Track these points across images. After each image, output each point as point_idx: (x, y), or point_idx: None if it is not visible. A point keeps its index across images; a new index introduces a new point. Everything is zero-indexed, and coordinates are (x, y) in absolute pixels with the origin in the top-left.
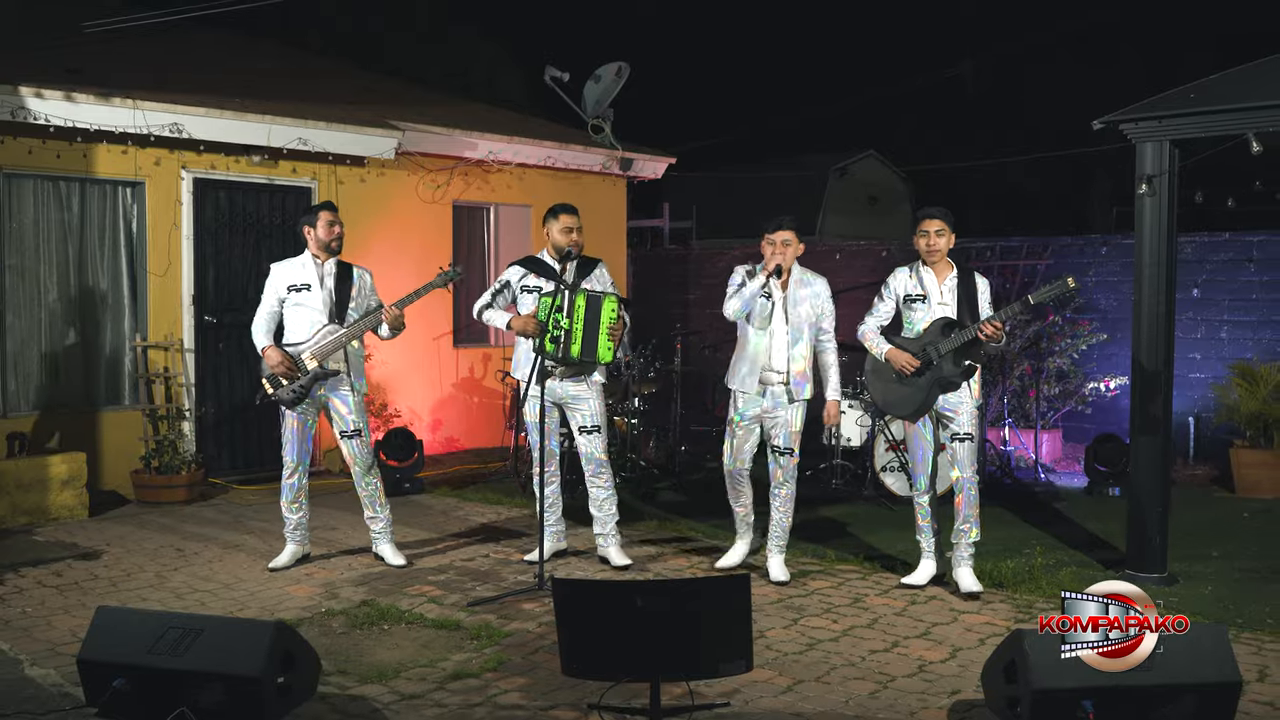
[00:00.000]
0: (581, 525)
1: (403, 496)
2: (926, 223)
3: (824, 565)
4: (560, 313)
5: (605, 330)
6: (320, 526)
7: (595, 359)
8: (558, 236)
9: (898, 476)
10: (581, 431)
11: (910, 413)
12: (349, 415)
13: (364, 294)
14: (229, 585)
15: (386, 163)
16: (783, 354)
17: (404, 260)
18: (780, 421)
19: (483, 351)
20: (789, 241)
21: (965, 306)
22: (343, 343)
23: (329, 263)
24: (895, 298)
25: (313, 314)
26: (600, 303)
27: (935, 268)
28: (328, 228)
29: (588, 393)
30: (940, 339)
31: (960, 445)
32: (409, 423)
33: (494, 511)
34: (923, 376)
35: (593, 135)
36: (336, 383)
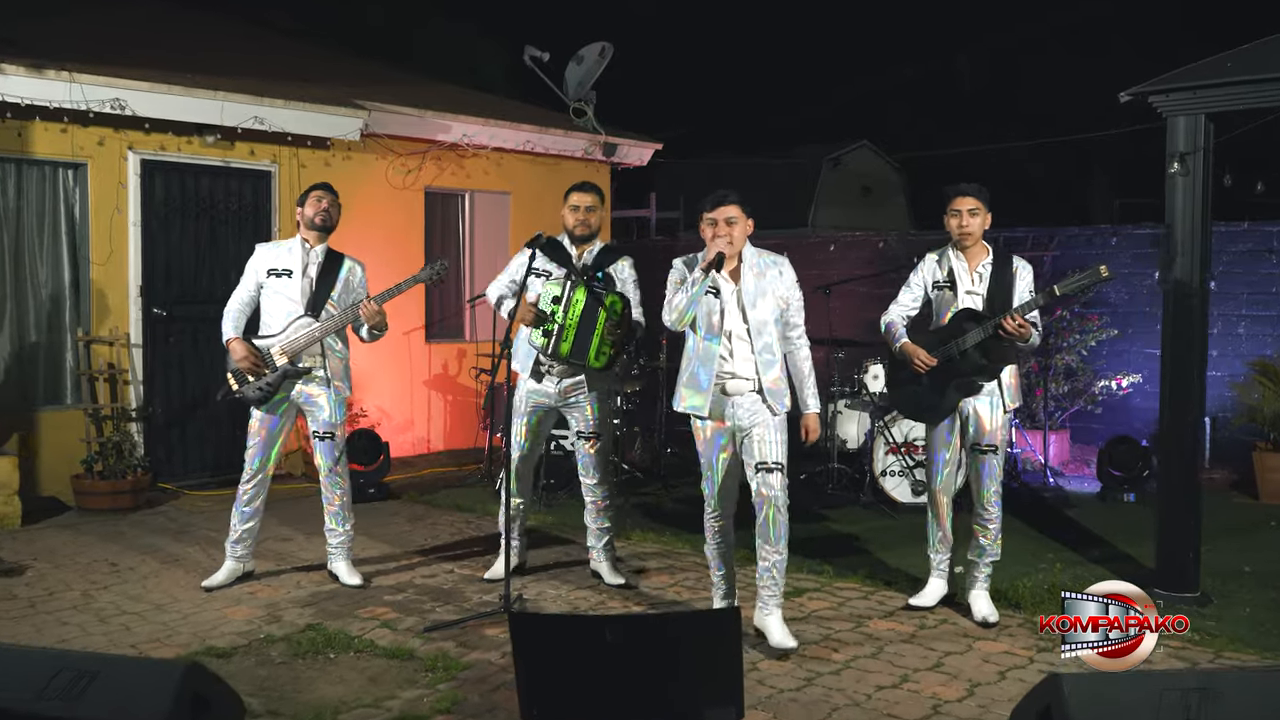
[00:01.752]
0: (566, 534)
1: (367, 503)
2: (958, 200)
3: (821, 582)
4: (557, 304)
5: (601, 332)
6: (272, 537)
7: (585, 362)
8: (566, 217)
9: (899, 482)
10: (579, 437)
11: (925, 416)
12: (325, 415)
13: (351, 289)
14: (161, 606)
15: (353, 145)
16: (749, 363)
17: (372, 250)
18: (761, 435)
19: (457, 347)
20: (734, 219)
21: (997, 297)
22: (316, 338)
23: (318, 249)
24: (924, 285)
25: (288, 304)
26: (601, 302)
27: (968, 252)
28: (315, 203)
29: (587, 394)
30: (961, 332)
31: (983, 457)
32: (376, 423)
33: (464, 520)
34: (939, 375)
35: (574, 119)
36: (317, 382)
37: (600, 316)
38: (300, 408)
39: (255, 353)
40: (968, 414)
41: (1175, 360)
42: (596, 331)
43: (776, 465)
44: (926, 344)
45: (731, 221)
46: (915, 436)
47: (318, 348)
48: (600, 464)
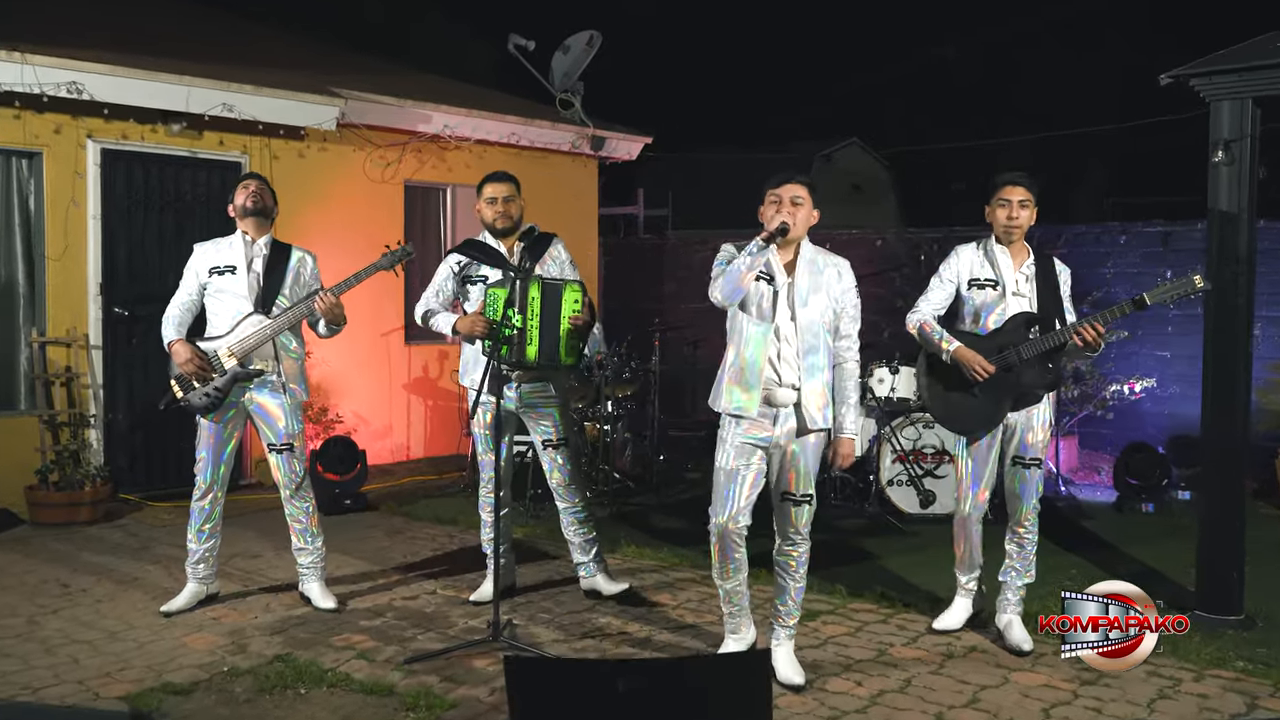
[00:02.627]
0: (555, 547)
1: (342, 515)
2: (1009, 190)
3: (835, 604)
4: (512, 308)
5: (567, 327)
6: (239, 554)
7: (557, 363)
8: (484, 211)
9: (906, 492)
10: (546, 446)
11: (977, 428)
12: (280, 426)
13: (302, 282)
14: (114, 634)
15: (328, 136)
16: (793, 366)
17: (348, 247)
18: (796, 459)
19: (438, 349)
20: (800, 200)
21: (1047, 299)
22: (268, 336)
23: (261, 241)
24: (957, 281)
25: (236, 302)
26: (560, 293)
27: (1012, 248)
28: (242, 189)
29: (551, 399)
30: (1022, 338)
31: (1028, 472)
32: (352, 430)
33: (446, 534)
34: (994, 385)
35: (561, 110)
36: (267, 386)
37: (563, 310)
38: (251, 417)
39: (200, 356)
40: (1014, 426)
41: (1218, 359)
42: (562, 327)
43: (805, 498)
44: (979, 349)
45: (798, 202)
46: (924, 444)
47: (270, 348)
48: (573, 471)
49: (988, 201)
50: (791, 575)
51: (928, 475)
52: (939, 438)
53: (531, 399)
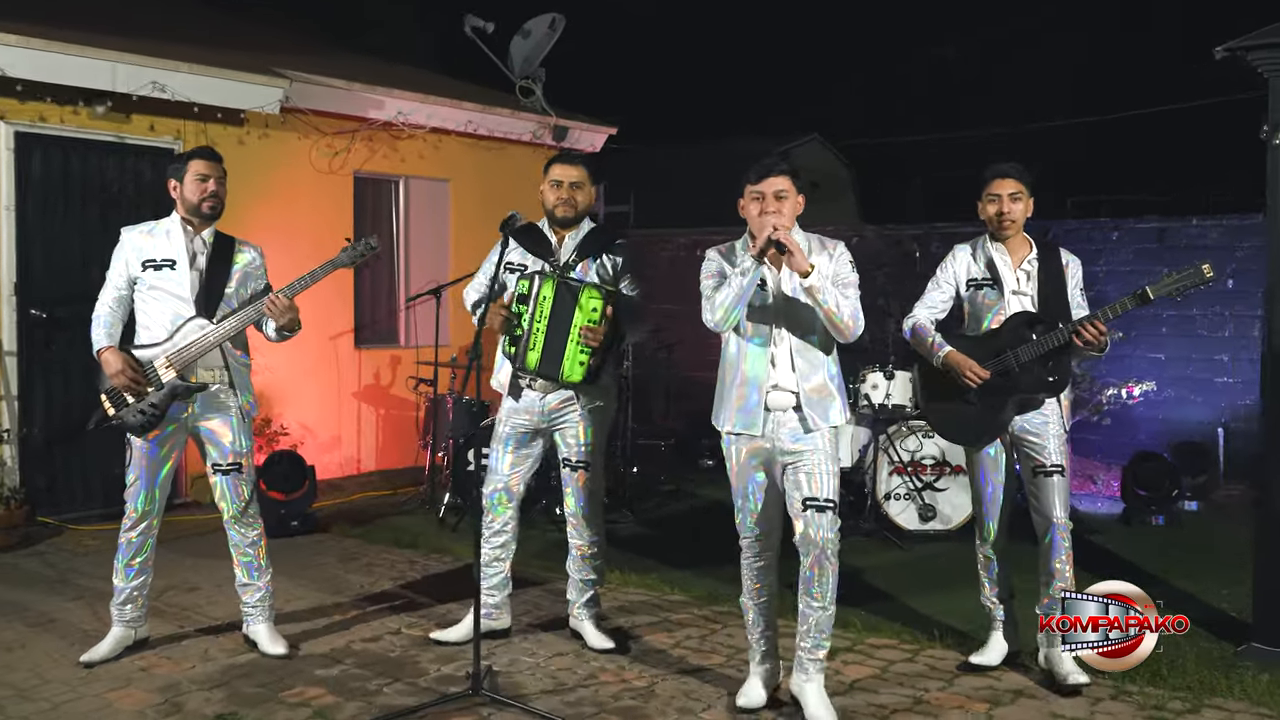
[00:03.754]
0: (537, 570)
1: (289, 538)
2: (997, 184)
3: (852, 639)
4: (524, 304)
5: (576, 336)
6: (174, 587)
7: (557, 376)
8: (546, 194)
9: (905, 506)
10: (565, 465)
11: (973, 438)
12: (226, 443)
13: (250, 280)
14: (24, 692)
15: (271, 121)
16: (787, 365)
17: (292, 243)
18: (804, 462)
19: (390, 353)
20: (784, 193)
21: (1050, 296)
22: (212, 344)
23: (204, 234)
24: (955, 282)
25: (175, 304)
26: (574, 297)
27: (1009, 244)
28: (198, 183)
29: (579, 413)
30: (1020, 340)
31: (1048, 481)
32: (298, 442)
33: (407, 560)
34: (993, 391)
35: (521, 98)
36: (214, 401)
37: (575, 317)
38: (193, 434)
39: (135, 366)
40: (1021, 433)
41: (1278, 359)
42: (570, 337)
43: (828, 503)
44: (974, 353)
45: (782, 196)
46: (923, 455)
47: (215, 358)
48: (591, 502)
49: (978, 197)
50: (813, 599)
51: (928, 488)
52: (939, 448)
53: (559, 412)
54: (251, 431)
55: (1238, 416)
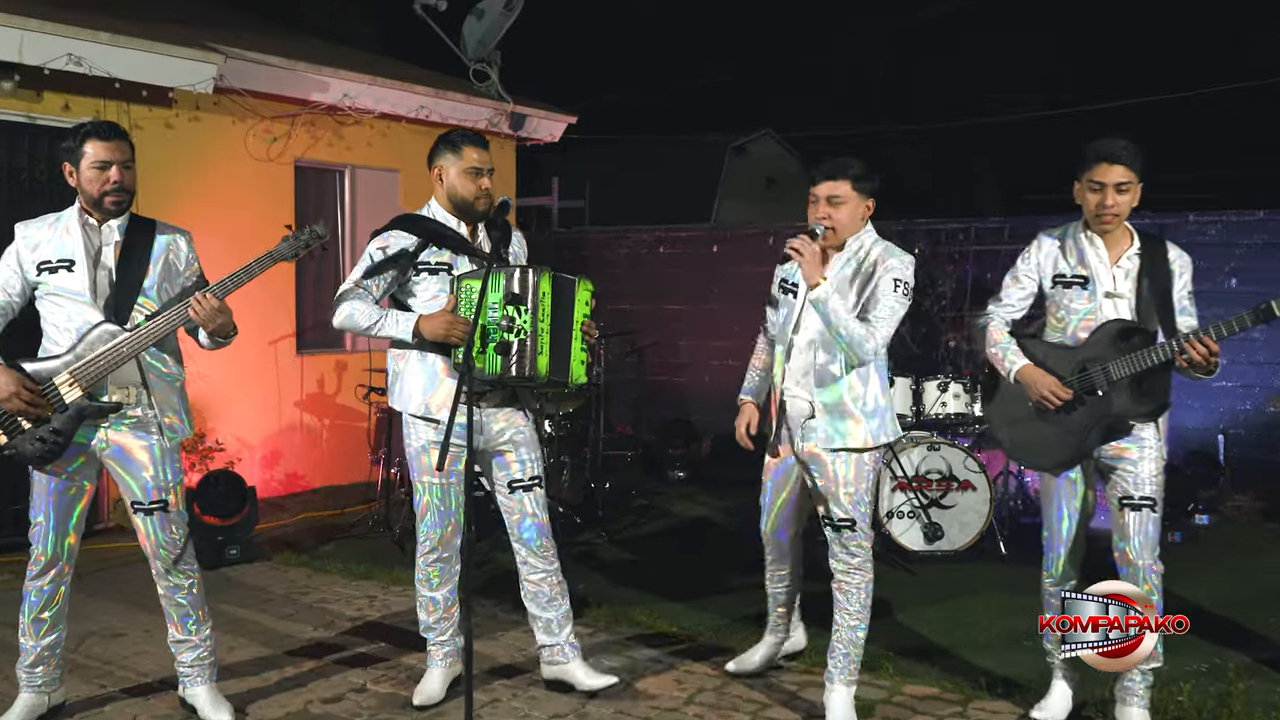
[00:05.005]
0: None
1: (229, 568)
2: (1102, 169)
3: (887, 687)
4: (517, 306)
5: (579, 333)
6: (95, 634)
7: (567, 379)
8: (458, 183)
9: (909, 525)
10: (514, 488)
11: (1054, 463)
12: (148, 476)
13: (175, 273)
14: None
15: (203, 102)
16: (800, 373)
17: (227, 239)
18: (824, 475)
19: (335, 359)
20: (839, 198)
21: (1151, 301)
22: (125, 355)
23: (114, 222)
24: (1038, 277)
25: (78, 309)
26: (573, 290)
27: (1108, 238)
28: (96, 173)
29: (524, 426)
30: (1112, 354)
31: (1136, 515)
32: (235, 459)
33: (364, 594)
34: (1077, 411)
35: (475, 83)
36: (128, 423)
37: (576, 312)
38: (107, 465)
39: (30, 386)
40: (1109, 458)
41: None
42: (575, 333)
43: (845, 522)
44: (1055, 364)
45: (835, 201)
46: (929, 469)
47: (131, 372)
48: (547, 522)
49: (1077, 177)
50: (842, 609)
51: (933, 505)
52: (945, 461)
53: (498, 427)
54: (179, 459)
55: (1237, 422)
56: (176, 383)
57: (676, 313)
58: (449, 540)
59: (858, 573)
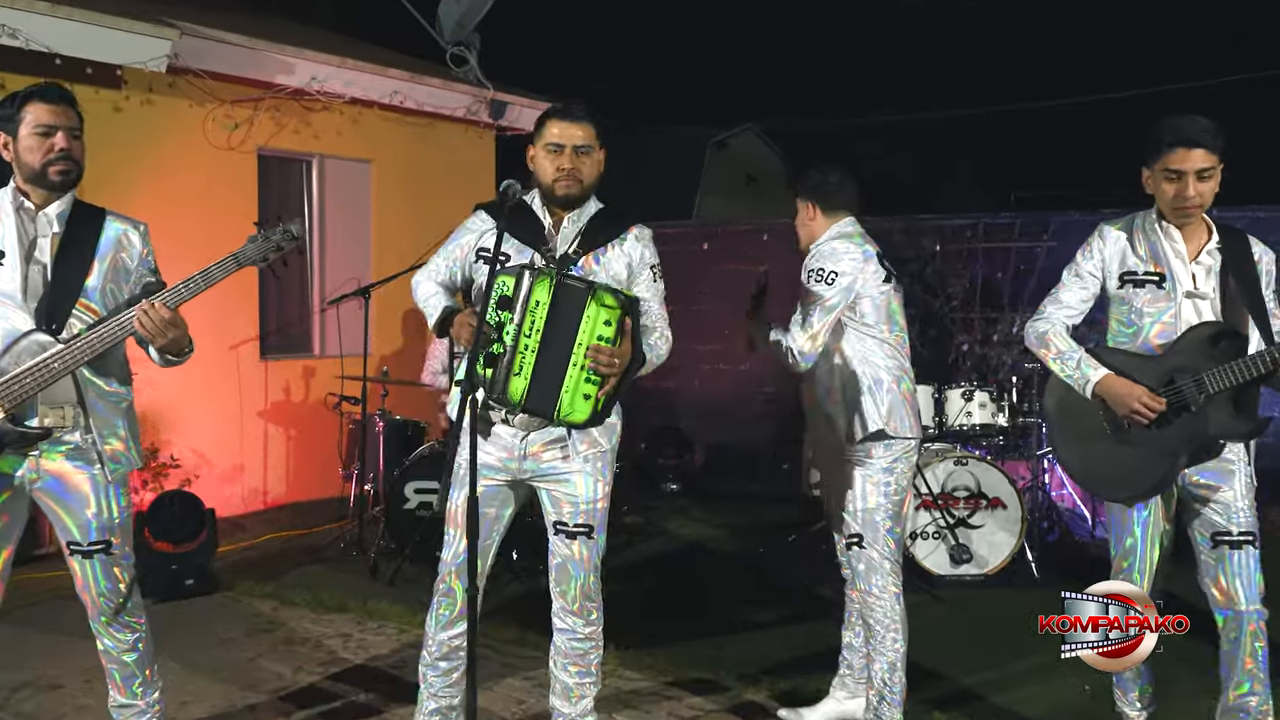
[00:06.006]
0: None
1: (185, 600)
2: (1179, 155)
3: None
4: (507, 311)
5: (581, 359)
6: (29, 684)
7: (551, 413)
8: (542, 163)
9: (934, 546)
10: (559, 531)
11: (1131, 492)
12: (89, 514)
13: (124, 271)
14: None
15: (156, 83)
16: None
17: (182, 236)
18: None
19: (303, 364)
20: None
21: (1239, 301)
22: (59, 371)
23: (53, 209)
24: (1102, 275)
25: (6, 313)
26: (580, 303)
27: (1186, 230)
28: (39, 139)
29: (576, 461)
30: (1205, 363)
31: (1236, 554)
32: (192, 475)
33: (336, 631)
34: (1164, 430)
35: (453, 67)
36: (64, 450)
37: (581, 331)
38: (38, 500)
39: None
40: (1196, 486)
41: None
42: (573, 359)
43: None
44: (1134, 377)
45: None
46: (955, 485)
47: (67, 388)
48: (594, 580)
49: (1147, 164)
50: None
51: (960, 524)
52: (973, 476)
53: (545, 457)
54: (126, 493)
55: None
56: (122, 403)
57: None
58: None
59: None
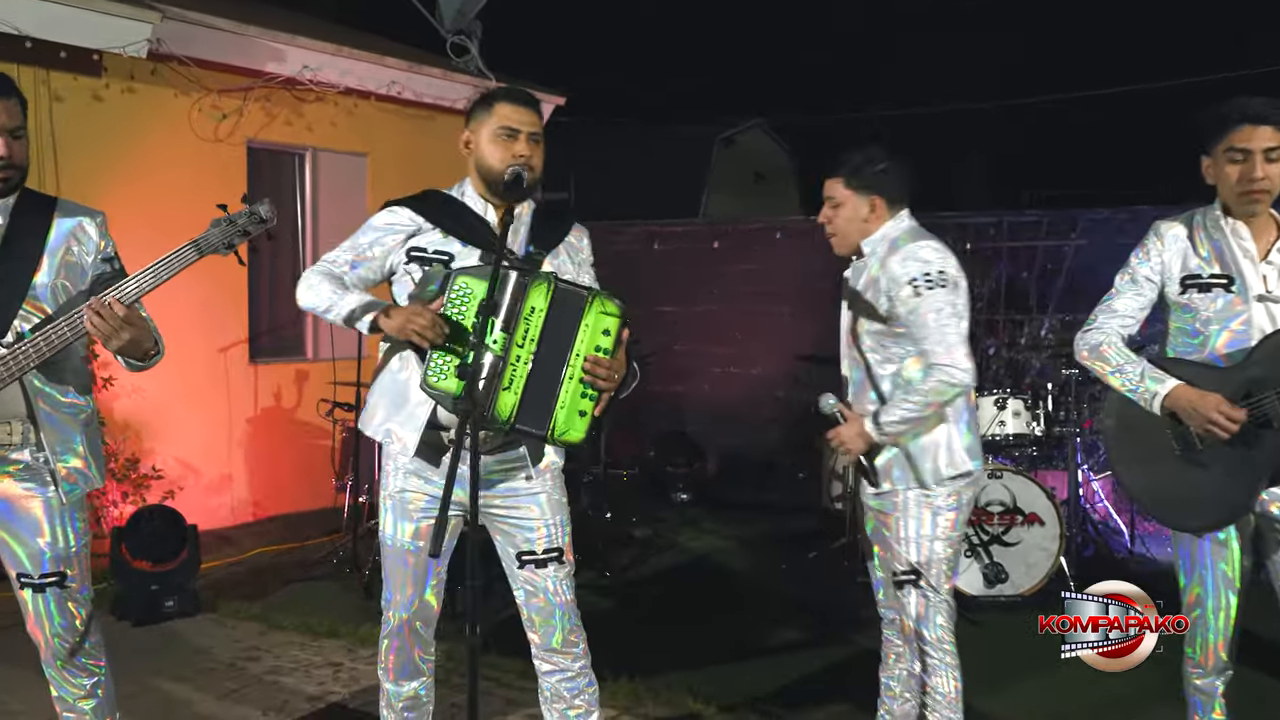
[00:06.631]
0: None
1: (164, 623)
2: (1246, 133)
3: None
4: (494, 316)
5: (578, 372)
6: None
7: (545, 431)
8: (486, 150)
9: (967, 566)
10: (525, 561)
11: (1202, 519)
12: (42, 543)
13: (80, 269)
14: None
15: (138, 70)
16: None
17: (166, 232)
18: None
19: (295, 368)
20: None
21: None
22: (2, 380)
23: None
24: (1161, 278)
25: None
26: (579, 309)
27: (1254, 223)
28: None
29: (536, 482)
30: None
31: None
32: (176, 487)
33: (325, 657)
34: (1241, 450)
35: (453, 57)
36: (10, 468)
37: (579, 340)
38: None
39: None
40: (1272, 512)
41: None
42: (569, 373)
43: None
44: (1207, 389)
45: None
46: (989, 500)
47: (14, 398)
48: (569, 604)
49: (1206, 150)
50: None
51: (994, 542)
52: (1008, 491)
53: (504, 480)
54: (83, 517)
55: None
56: (80, 415)
57: (671, 315)
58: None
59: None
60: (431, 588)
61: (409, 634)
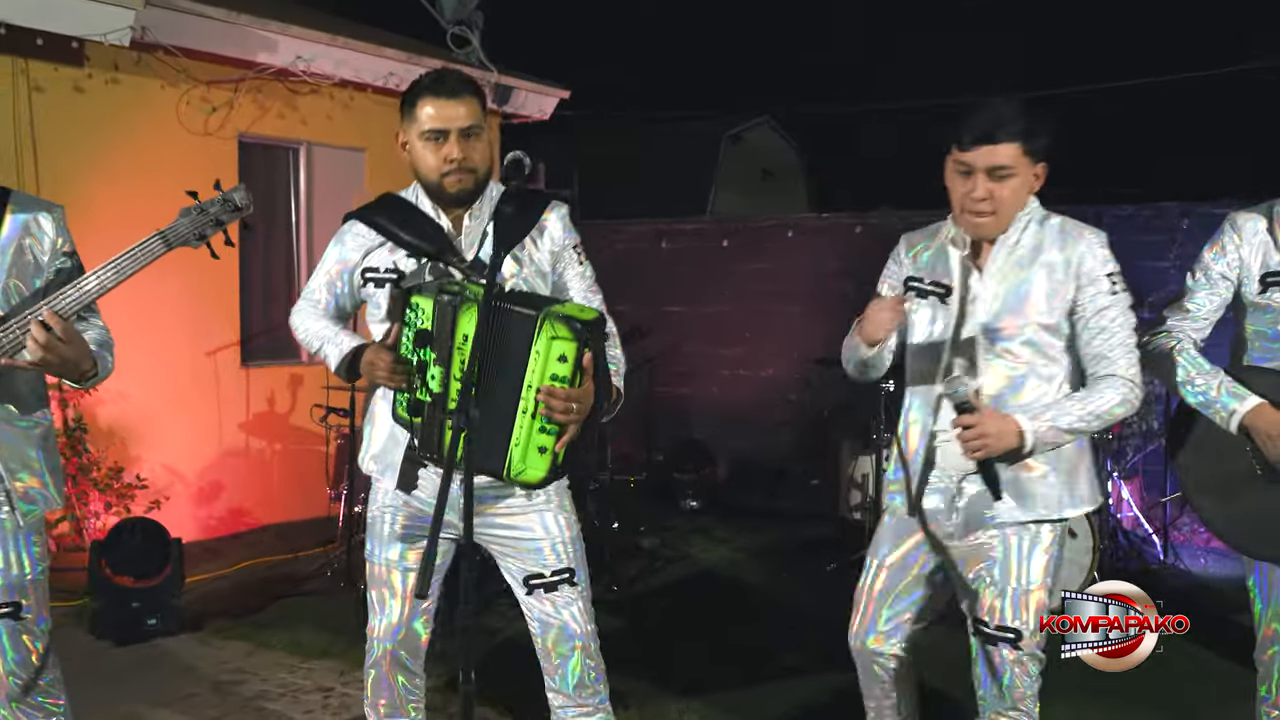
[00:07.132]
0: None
1: (144, 644)
2: None
3: None
4: (427, 346)
5: (532, 406)
6: None
7: (501, 470)
8: (421, 155)
9: None
10: (533, 586)
11: None
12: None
13: (34, 268)
14: None
15: (122, 60)
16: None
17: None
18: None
19: (289, 372)
20: (1005, 172)
21: None
22: None
23: None
24: (1236, 278)
25: None
26: (527, 334)
27: None
28: None
29: (537, 498)
30: None
31: None
32: (162, 496)
33: (314, 681)
34: None
35: (453, 49)
36: None
37: (530, 370)
38: None
39: None
40: None
41: None
42: (522, 406)
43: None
44: None
45: (1000, 175)
46: None
47: None
48: (589, 634)
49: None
50: None
51: None
52: None
53: (495, 493)
54: (40, 541)
55: None
56: (35, 429)
57: (679, 316)
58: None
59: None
60: (420, 619)
61: (391, 665)
